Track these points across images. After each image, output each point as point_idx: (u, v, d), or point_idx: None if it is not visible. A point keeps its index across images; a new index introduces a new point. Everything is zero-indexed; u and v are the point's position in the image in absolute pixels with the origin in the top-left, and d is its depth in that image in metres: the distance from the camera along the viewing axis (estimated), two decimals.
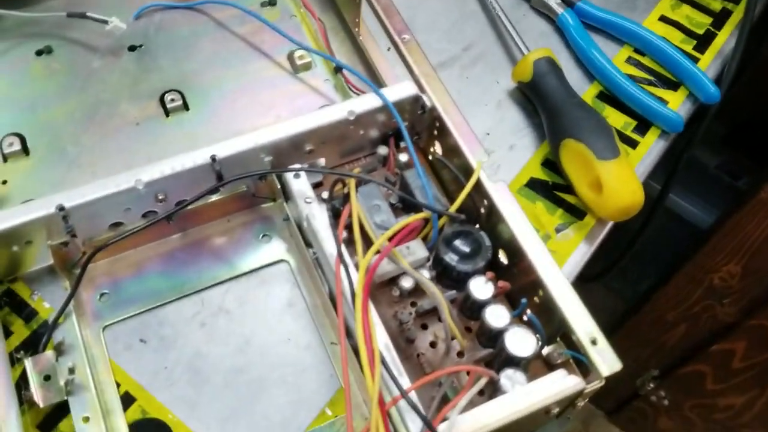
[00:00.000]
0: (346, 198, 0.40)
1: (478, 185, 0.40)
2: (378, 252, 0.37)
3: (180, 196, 0.40)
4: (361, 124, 0.42)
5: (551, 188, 0.46)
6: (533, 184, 0.47)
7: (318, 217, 0.39)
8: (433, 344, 0.39)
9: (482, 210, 0.40)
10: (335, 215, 0.40)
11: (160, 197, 0.39)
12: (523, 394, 0.34)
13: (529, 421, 0.35)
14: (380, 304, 0.41)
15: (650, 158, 0.48)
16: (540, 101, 0.47)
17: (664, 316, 0.89)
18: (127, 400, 0.38)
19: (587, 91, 0.51)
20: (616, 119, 0.50)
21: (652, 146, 0.49)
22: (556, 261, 0.43)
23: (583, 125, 0.44)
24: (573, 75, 0.51)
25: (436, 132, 0.43)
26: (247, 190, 0.42)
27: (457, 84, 0.51)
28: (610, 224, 0.45)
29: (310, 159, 0.43)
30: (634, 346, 0.96)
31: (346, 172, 0.41)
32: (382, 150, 0.44)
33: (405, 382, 0.34)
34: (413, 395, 0.33)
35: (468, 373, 0.37)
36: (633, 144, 0.49)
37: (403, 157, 0.43)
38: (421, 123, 0.44)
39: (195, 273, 0.42)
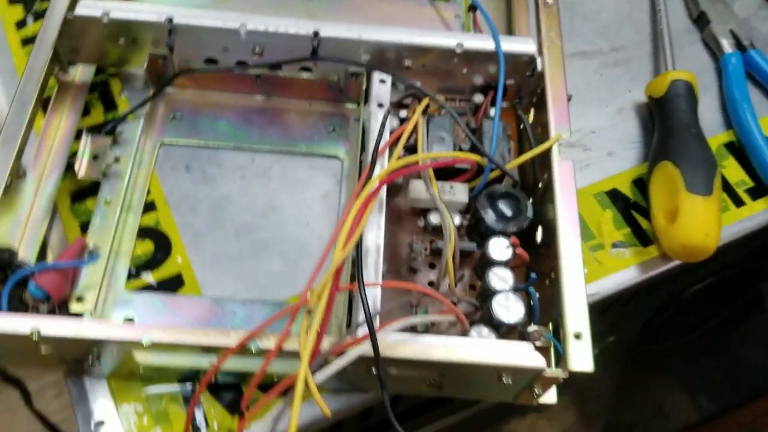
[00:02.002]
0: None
1: (546, 157, 0.38)
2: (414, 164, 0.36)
3: (275, 58, 0.42)
4: (466, 62, 0.42)
5: (629, 206, 0.44)
6: (613, 195, 0.44)
7: (378, 121, 0.39)
8: (431, 284, 0.38)
9: (540, 184, 0.39)
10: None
11: (257, 50, 0.41)
12: (477, 344, 0.32)
13: (480, 378, 0.33)
14: (402, 228, 0.40)
15: (749, 224, 0.44)
16: (660, 120, 0.44)
17: None
18: (149, 207, 0.41)
19: (717, 136, 0.47)
20: (734, 173, 0.45)
21: (758, 213, 0.44)
22: (598, 272, 0.41)
23: (688, 153, 0.41)
24: (710, 116, 0.47)
25: (535, 100, 0.42)
26: (338, 82, 0.43)
27: (590, 77, 0.49)
28: (670, 265, 0.42)
29: (406, 76, 0.43)
30: None
31: (426, 90, 0.40)
32: (477, 98, 0.43)
33: (371, 276, 0.33)
34: (377, 293, 0.32)
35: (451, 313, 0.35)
36: (738, 203, 0.44)
37: (494, 113, 0.42)
38: (527, 87, 0.43)
39: (259, 134, 0.43)
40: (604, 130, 0.46)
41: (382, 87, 0.41)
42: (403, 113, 0.42)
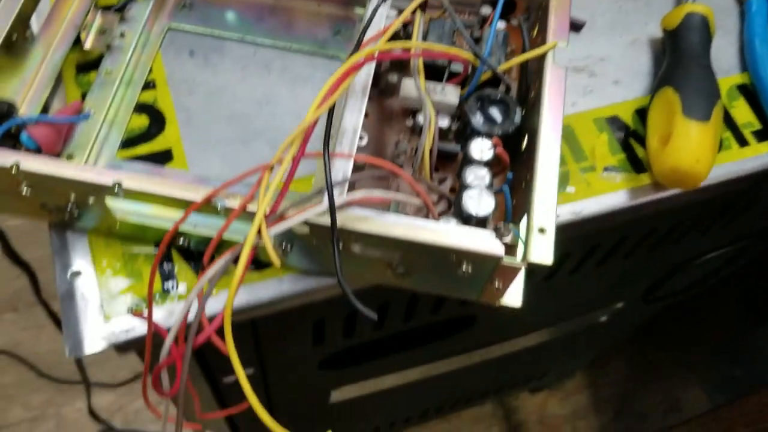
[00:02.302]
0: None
1: (540, 65, 0.38)
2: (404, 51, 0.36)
3: None
4: None
5: (628, 133, 0.43)
6: (613, 121, 0.43)
7: (376, 18, 0.39)
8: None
9: (532, 92, 0.39)
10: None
11: None
12: (438, 226, 0.32)
13: (441, 266, 0.33)
14: (391, 128, 0.41)
15: (750, 165, 0.43)
16: (671, 52, 0.43)
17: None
18: (149, 86, 0.42)
19: (731, 77, 0.45)
20: (743, 114, 0.44)
21: (761, 155, 0.43)
22: (585, 192, 0.40)
23: (690, 81, 0.40)
24: (728, 57, 0.46)
25: (540, 14, 0.41)
26: None
27: (607, 6, 0.48)
28: (661, 194, 0.41)
29: None
30: None
31: None
32: (485, 9, 0.43)
33: (344, 151, 0.34)
34: (348, 167, 0.33)
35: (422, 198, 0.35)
36: (743, 143, 0.43)
37: (500, 25, 0.42)
38: (534, 3, 0.42)
39: (265, 29, 0.44)
40: (613, 59, 0.46)
41: None
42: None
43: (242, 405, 0.38)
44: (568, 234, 0.42)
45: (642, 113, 0.44)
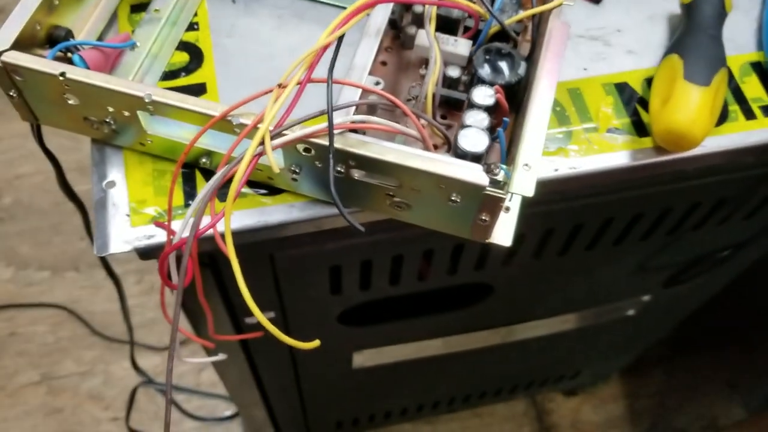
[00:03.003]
0: None
1: (546, 19, 0.40)
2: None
3: None
4: None
5: (635, 99, 0.45)
6: (621, 87, 0.45)
7: None
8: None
9: (540, 48, 0.41)
10: None
11: None
12: (429, 155, 0.35)
13: (433, 197, 0.36)
14: (407, 77, 0.44)
15: (756, 137, 0.44)
16: (685, 24, 0.45)
17: None
18: (192, 27, 0.46)
19: (746, 54, 0.47)
20: (753, 89, 0.45)
21: (766, 129, 0.44)
22: (585, 151, 0.42)
23: (695, 47, 0.42)
24: (745, 35, 0.47)
25: None
26: None
27: None
28: (662, 158, 0.42)
29: None
30: None
31: None
32: None
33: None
34: (356, 96, 0.36)
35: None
36: (750, 115, 0.44)
37: None
38: None
39: None
40: (629, 30, 0.47)
41: None
42: None
43: (256, 333, 0.41)
44: (567, 189, 0.44)
45: (651, 82, 0.45)
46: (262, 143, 0.33)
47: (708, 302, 0.89)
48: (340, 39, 0.35)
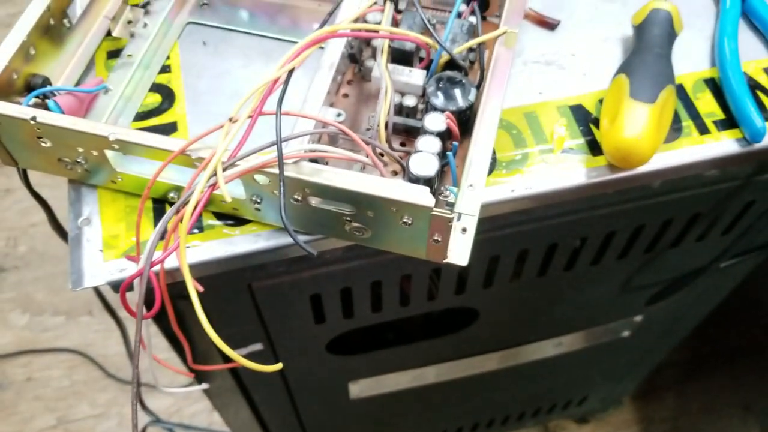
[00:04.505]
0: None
1: (491, 47, 0.42)
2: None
3: None
4: None
5: (590, 120, 0.46)
6: (576, 109, 0.46)
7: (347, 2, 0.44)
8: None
9: (486, 74, 0.42)
10: None
11: None
12: (378, 180, 0.36)
13: (385, 219, 0.37)
14: (367, 106, 0.45)
15: (712, 151, 0.45)
16: (636, 44, 0.47)
17: None
18: (164, 69, 0.48)
19: (700, 72, 0.48)
20: (706, 105, 0.46)
21: (720, 142, 0.45)
22: (539, 172, 0.44)
23: (641, 67, 0.43)
24: (698, 51, 0.49)
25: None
26: None
27: (585, 6, 0.51)
28: (615, 175, 0.44)
29: None
30: None
31: None
32: (462, 7, 0.48)
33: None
34: (309, 126, 0.38)
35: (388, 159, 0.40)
36: (704, 130, 0.45)
37: (472, 19, 0.46)
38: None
39: (270, 24, 0.50)
40: (584, 54, 0.49)
41: None
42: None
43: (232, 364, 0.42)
44: (524, 210, 0.45)
45: None
46: (215, 174, 0.35)
47: (718, 321, 0.88)
48: (290, 72, 0.37)
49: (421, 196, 0.36)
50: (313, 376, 0.73)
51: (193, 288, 0.34)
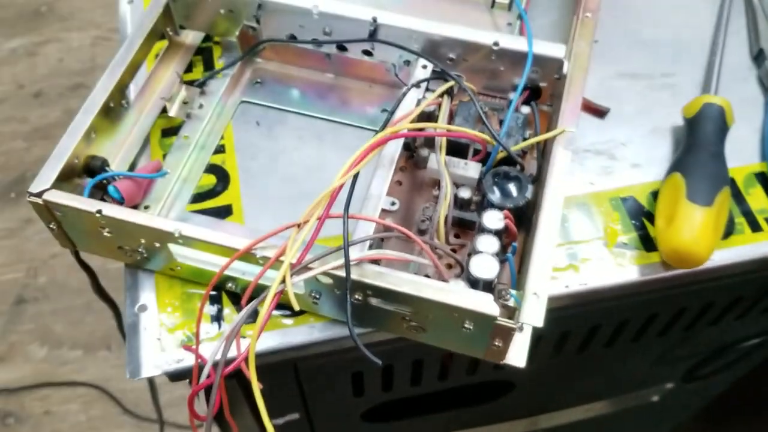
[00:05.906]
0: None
1: (551, 147, 0.42)
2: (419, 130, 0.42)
3: (341, 38, 0.49)
4: (504, 62, 0.47)
5: (642, 213, 0.46)
6: (629, 202, 0.47)
7: (407, 100, 0.45)
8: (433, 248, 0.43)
9: (544, 173, 0.43)
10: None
11: (327, 30, 0.49)
12: (442, 286, 0.37)
13: (446, 322, 0.38)
14: (421, 196, 0.46)
15: (763, 249, 0.45)
16: (686, 139, 0.47)
17: None
18: (219, 150, 0.49)
19: (750, 165, 0.48)
20: (758, 200, 0.47)
21: None
22: (594, 267, 0.44)
23: (697, 167, 0.44)
24: (748, 145, 0.49)
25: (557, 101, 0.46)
26: (394, 68, 0.50)
27: (634, 95, 0.52)
28: (670, 273, 0.44)
29: (451, 69, 0.48)
30: None
31: (451, 74, 0.45)
32: (512, 95, 0.48)
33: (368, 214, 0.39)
34: (370, 229, 0.38)
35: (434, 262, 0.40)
36: (756, 228, 0.46)
37: (525, 110, 0.47)
38: (556, 89, 0.47)
39: (322, 104, 0.51)
40: (634, 144, 0.49)
41: (421, 71, 0.47)
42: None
43: None
44: (577, 303, 0.45)
45: (656, 197, 0.47)
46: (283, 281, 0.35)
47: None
48: (355, 177, 0.38)
49: (485, 305, 0.36)
50: None
51: (258, 390, 0.35)
